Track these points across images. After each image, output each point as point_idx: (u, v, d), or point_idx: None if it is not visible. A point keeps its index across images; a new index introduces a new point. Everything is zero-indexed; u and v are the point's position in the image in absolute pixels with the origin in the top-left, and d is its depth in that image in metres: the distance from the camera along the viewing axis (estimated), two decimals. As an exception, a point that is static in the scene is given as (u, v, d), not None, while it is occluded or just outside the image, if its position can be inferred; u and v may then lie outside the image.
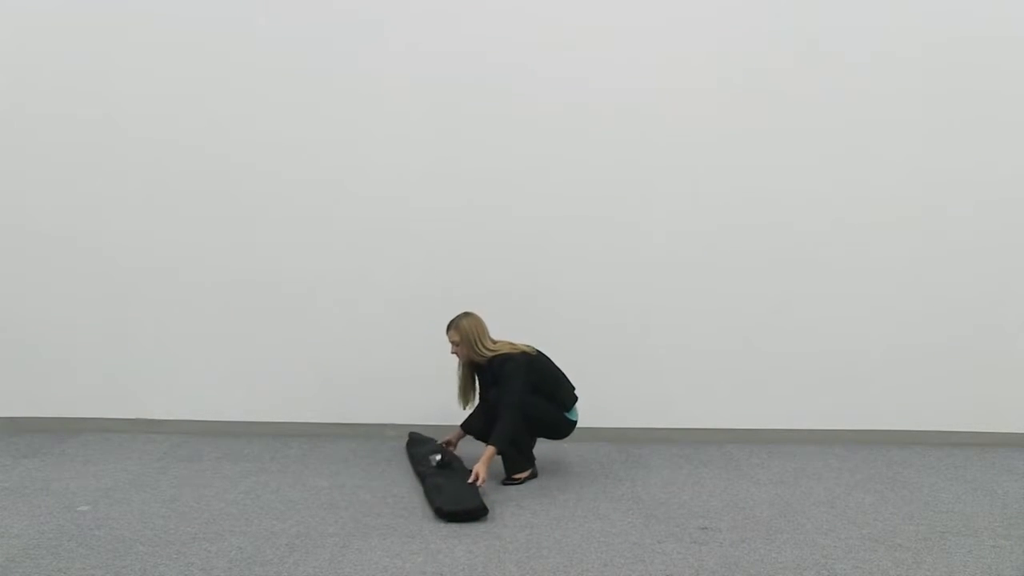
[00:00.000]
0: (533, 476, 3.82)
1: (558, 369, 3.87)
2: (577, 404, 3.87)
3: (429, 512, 3.33)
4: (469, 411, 3.96)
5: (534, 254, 4.41)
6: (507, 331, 3.87)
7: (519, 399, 3.63)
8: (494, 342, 3.80)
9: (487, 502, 3.36)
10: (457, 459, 3.78)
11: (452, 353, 3.82)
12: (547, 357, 3.85)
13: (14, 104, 4.34)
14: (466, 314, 3.81)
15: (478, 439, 3.86)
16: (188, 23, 4.29)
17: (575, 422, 3.86)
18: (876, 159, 4.40)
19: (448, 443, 3.96)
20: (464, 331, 3.75)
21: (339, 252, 4.41)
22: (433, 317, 4.16)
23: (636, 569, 2.84)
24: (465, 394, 3.92)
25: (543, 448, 3.98)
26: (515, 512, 3.37)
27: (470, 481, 3.44)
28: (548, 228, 4.41)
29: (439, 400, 4.00)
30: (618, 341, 4.45)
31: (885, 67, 4.35)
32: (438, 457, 3.72)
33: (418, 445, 4.06)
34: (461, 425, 3.97)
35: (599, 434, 4.38)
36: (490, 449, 3.58)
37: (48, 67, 4.32)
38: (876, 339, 4.47)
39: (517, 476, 3.75)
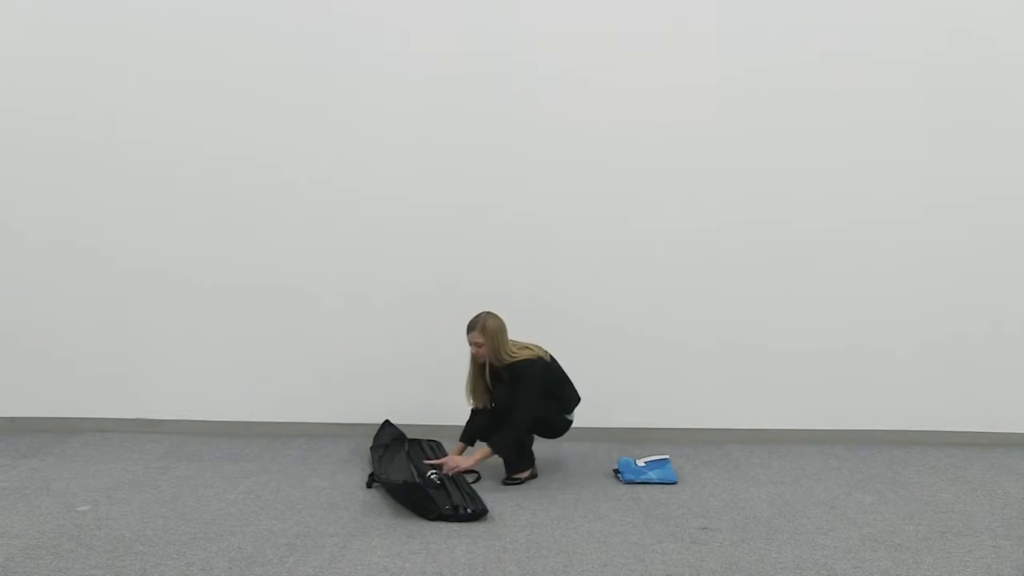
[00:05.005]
0: (533, 476, 3.82)
1: (564, 372, 3.87)
2: (578, 404, 3.88)
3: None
4: (467, 412, 3.95)
5: (534, 253, 4.41)
6: (508, 330, 3.85)
7: (534, 406, 3.63)
8: (514, 344, 3.75)
9: (487, 502, 3.36)
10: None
11: (474, 354, 3.74)
12: (556, 361, 3.85)
13: (14, 104, 4.33)
14: (490, 314, 3.72)
15: (483, 440, 3.86)
16: (188, 23, 4.29)
17: (571, 422, 3.87)
18: (876, 159, 4.40)
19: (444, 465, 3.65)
20: (490, 332, 3.67)
21: (339, 251, 4.41)
22: (433, 317, 4.17)
23: (636, 569, 2.84)
24: (480, 395, 3.82)
25: (543, 448, 3.97)
26: (515, 512, 3.37)
27: (450, 467, 3.52)
28: (548, 227, 4.41)
29: (439, 400, 3.99)
30: (618, 340, 4.44)
31: (885, 67, 4.35)
32: (434, 475, 3.51)
33: (385, 438, 4.13)
34: (461, 438, 3.86)
35: (599, 434, 4.38)
36: (486, 450, 3.59)
37: (48, 67, 4.32)
38: (876, 339, 4.46)
39: (517, 476, 3.75)
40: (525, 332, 3.90)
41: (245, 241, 4.41)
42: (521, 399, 3.62)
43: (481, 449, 3.62)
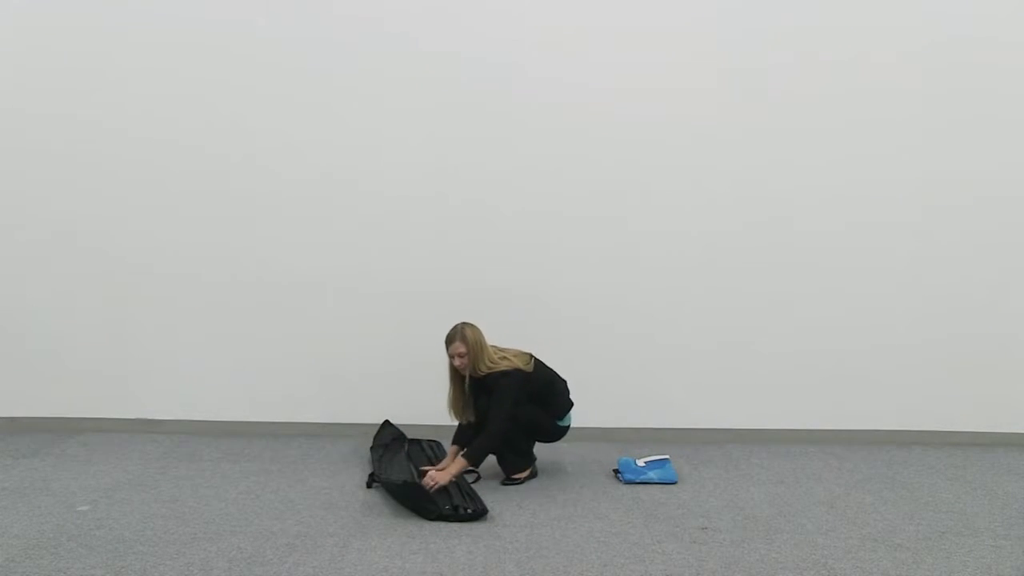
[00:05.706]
0: (533, 476, 3.82)
1: (555, 377, 3.84)
2: (571, 410, 3.87)
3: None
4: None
5: (535, 253, 4.41)
6: (508, 330, 3.85)
7: (507, 418, 3.59)
8: (496, 351, 3.71)
9: (487, 502, 3.36)
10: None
11: (457, 365, 3.68)
12: (544, 366, 3.81)
13: (14, 104, 4.34)
14: (466, 324, 3.68)
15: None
16: (188, 23, 4.29)
17: (567, 427, 3.86)
18: (876, 159, 4.40)
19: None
20: (471, 342, 3.62)
21: (339, 251, 4.41)
22: (433, 317, 4.15)
23: (636, 569, 2.84)
24: (462, 408, 3.76)
25: (543, 449, 3.97)
26: (515, 512, 3.37)
27: (428, 486, 3.36)
28: (549, 227, 4.41)
29: (439, 400, 3.98)
30: (618, 341, 4.44)
31: (885, 67, 4.35)
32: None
33: (385, 438, 4.13)
34: (454, 442, 3.82)
35: (599, 434, 4.38)
36: (462, 462, 3.52)
37: (48, 67, 4.32)
38: (876, 339, 4.46)
39: (517, 476, 3.75)
40: (525, 332, 3.92)
41: (245, 241, 4.41)
42: (496, 410, 3.59)
43: (458, 462, 3.55)
